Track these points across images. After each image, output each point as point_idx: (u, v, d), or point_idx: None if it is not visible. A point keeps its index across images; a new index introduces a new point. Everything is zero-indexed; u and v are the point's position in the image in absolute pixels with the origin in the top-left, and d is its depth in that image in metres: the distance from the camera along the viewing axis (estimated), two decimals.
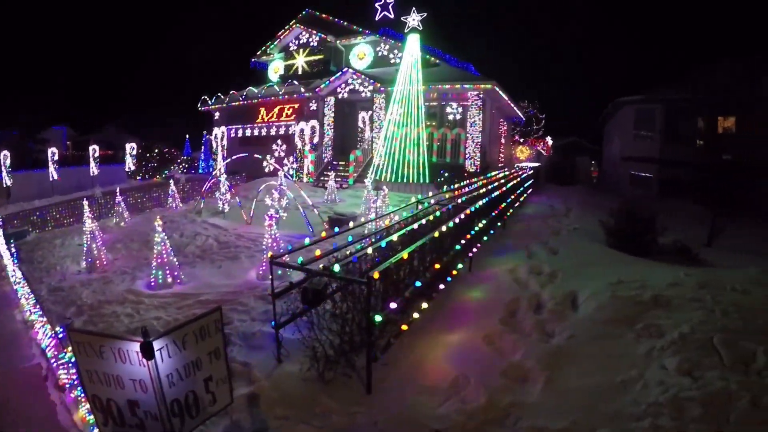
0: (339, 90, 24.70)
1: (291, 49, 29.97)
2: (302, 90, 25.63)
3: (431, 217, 6.77)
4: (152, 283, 9.40)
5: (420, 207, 9.08)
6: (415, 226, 6.17)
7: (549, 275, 8.53)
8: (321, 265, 5.02)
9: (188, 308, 8.19)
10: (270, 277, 8.79)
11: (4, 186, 22.76)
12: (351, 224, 7.42)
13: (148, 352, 3.13)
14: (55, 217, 17.11)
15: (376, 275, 4.09)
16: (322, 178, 22.97)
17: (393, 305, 4.91)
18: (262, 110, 28.53)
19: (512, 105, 26.19)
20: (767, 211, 17.31)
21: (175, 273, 9.49)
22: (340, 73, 24.40)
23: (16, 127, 38.41)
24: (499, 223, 12.30)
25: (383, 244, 5.51)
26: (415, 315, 5.86)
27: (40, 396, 5.87)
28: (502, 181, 13.63)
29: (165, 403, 3.39)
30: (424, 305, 5.98)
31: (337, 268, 4.30)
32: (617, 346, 5.53)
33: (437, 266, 6.30)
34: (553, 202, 18.77)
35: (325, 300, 4.69)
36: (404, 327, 5.36)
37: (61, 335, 4.37)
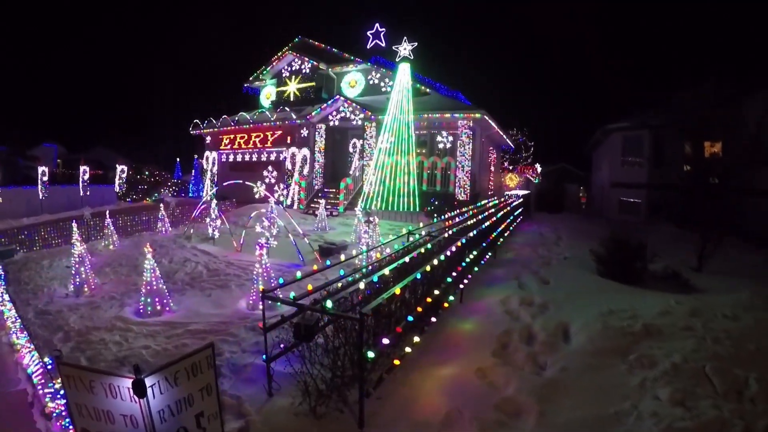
0: (330, 117, 24.88)
1: (283, 75, 30.26)
2: (294, 117, 25.80)
3: (423, 250, 6.77)
4: (141, 310, 9.22)
5: (411, 238, 9.10)
6: (407, 259, 6.17)
7: (540, 306, 8.53)
8: (312, 299, 4.99)
9: (177, 338, 8.03)
10: (261, 308, 8.84)
11: None
12: (342, 257, 7.39)
13: (140, 389, 3.12)
14: (44, 236, 16.84)
15: (369, 312, 4.06)
16: (312, 205, 22.99)
17: (385, 341, 4.87)
18: (254, 136, 28.61)
19: (501, 133, 26.50)
20: (755, 234, 17.49)
21: (165, 301, 9.33)
22: (331, 100, 24.62)
23: (6, 143, 38.15)
24: (489, 253, 12.33)
25: (375, 278, 5.48)
26: (407, 349, 5.82)
27: (25, 423, 5.66)
28: (492, 210, 13.71)
29: None
30: (416, 339, 5.94)
31: (329, 304, 4.26)
32: (610, 377, 5.54)
33: (429, 300, 6.29)
34: (543, 230, 18.90)
35: (316, 335, 4.64)
36: (396, 362, 5.31)
37: (50, 366, 4.18)
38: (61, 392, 4.29)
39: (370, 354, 4.53)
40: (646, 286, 9.93)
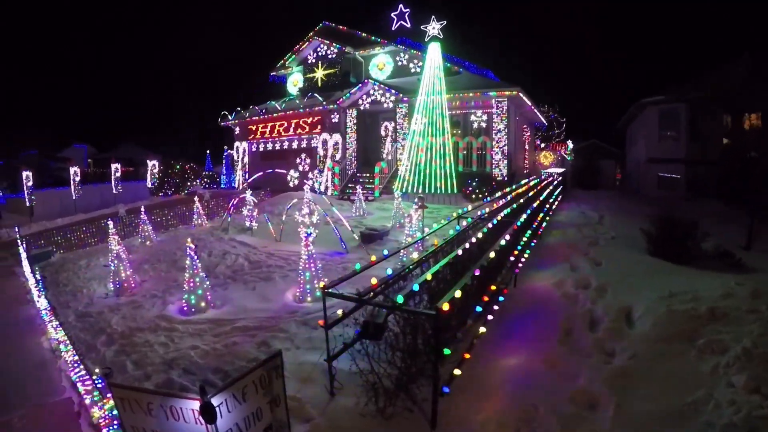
0: (360, 101, 24.60)
1: (309, 61, 30.00)
2: (323, 102, 25.58)
3: (480, 234, 6.46)
4: (185, 308, 8.99)
5: (463, 222, 8.80)
6: (466, 245, 5.85)
7: (597, 289, 8.23)
8: (368, 293, 4.73)
9: (226, 336, 7.78)
10: (308, 301, 8.66)
11: (27, 205, 22.80)
12: (385, 250, 7.03)
13: (209, 415, 2.89)
14: (80, 236, 16.99)
15: (445, 306, 3.78)
16: (346, 190, 22.85)
17: (458, 335, 4.61)
18: (283, 124, 28.51)
19: (535, 110, 25.89)
20: None
21: (208, 297, 9.09)
22: (360, 84, 24.34)
23: (36, 146, 38.88)
24: (536, 235, 11.95)
25: (434, 270, 5.15)
26: (474, 341, 5.57)
27: None
28: (537, 190, 13.29)
29: None
30: (482, 329, 5.68)
31: (401, 299, 4.00)
32: (681, 364, 5.31)
33: (493, 287, 6.01)
34: (584, 209, 18.36)
35: (385, 333, 4.36)
36: (467, 356, 5.04)
37: (100, 385, 4.06)
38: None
39: (447, 351, 4.28)
40: (699, 266, 9.51)
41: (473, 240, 6.07)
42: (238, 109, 31.32)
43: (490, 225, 7.06)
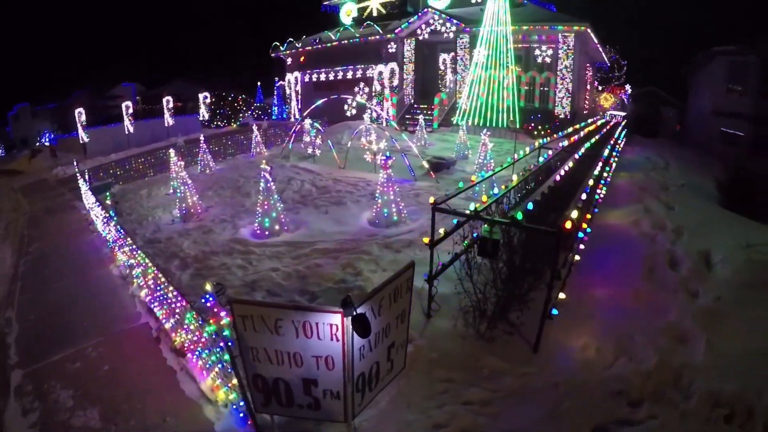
0: (419, 31, 23.88)
1: None
2: (381, 31, 24.90)
3: (571, 163, 6.41)
4: (257, 231, 8.99)
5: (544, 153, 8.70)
6: (562, 172, 5.82)
7: (674, 231, 8.27)
8: (478, 212, 4.69)
9: (306, 258, 7.72)
10: (382, 224, 8.72)
11: (81, 142, 23.14)
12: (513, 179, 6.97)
13: (363, 326, 2.69)
14: (138, 168, 17.07)
15: (568, 225, 3.81)
16: (404, 121, 22.60)
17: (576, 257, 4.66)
18: (338, 54, 27.96)
19: (600, 49, 24.65)
20: None
21: (282, 220, 9.08)
22: (420, 13, 23.48)
23: (87, 84, 39.32)
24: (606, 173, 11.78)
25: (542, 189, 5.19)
26: (571, 268, 5.65)
27: (155, 361, 5.39)
28: (607, 128, 12.97)
29: (353, 379, 3.04)
30: (577, 257, 5.74)
31: (520, 215, 4.04)
32: (764, 310, 5.37)
33: (588, 216, 6.03)
34: (648, 154, 17.85)
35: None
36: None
37: (209, 303, 3.83)
38: (208, 329, 3.78)
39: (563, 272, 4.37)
40: None
41: (567, 167, 6.03)
42: (290, 39, 30.71)
43: (576, 156, 6.96)
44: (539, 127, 18.60)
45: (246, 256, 8.06)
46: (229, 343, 3.47)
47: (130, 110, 24.96)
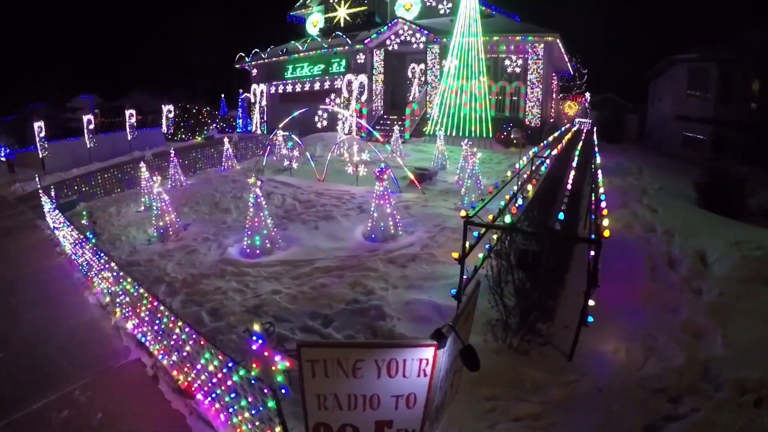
0: (389, 41, 23.97)
1: (331, 0, 28.97)
2: (349, 42, 24.85)
3: (573, 172, 6.43)
4: (247, 250, 8.36)
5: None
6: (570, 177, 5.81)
7: (665, 234, 8.52)
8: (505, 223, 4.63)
9: (308, 278, 7.23)
10: (382, 238, 8.44)
11: (40, 157, 21.84)
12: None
13: (473, 359, 2.56)
14: (104, 184, 16.01)
15: (606, 234, 3.78)
16: (373, 133, 22.48)
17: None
18: (305, 65, 27.80)
19: (566, 59, 25.29)
20: None
21: (273, 237, 8.58)
22: (390, 23, 23.58)
23: (43, 96, 37.86)
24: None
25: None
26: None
27: (158, 404, 4.71)
28: (582, 137, 13.24)
29: (430, 415, 2.78)
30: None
31: (557, 226, 3.97)
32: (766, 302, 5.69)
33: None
34: (618, 160, 18.31)
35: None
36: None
37: (259, 343, 3.34)
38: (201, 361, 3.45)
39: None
40: (747, 221, 9.78)
41: (571, 176, 6.04)
42: (256, 50, 30.40)
43: (573, 164, 7.01)
44: (511, 137, 18.85)
45: (241, 278, 7.45)
46: (283, 390, 3.11)
47: (91, 125, 24.01)
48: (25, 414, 4.76)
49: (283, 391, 3.14)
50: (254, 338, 3.39)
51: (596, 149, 12.14)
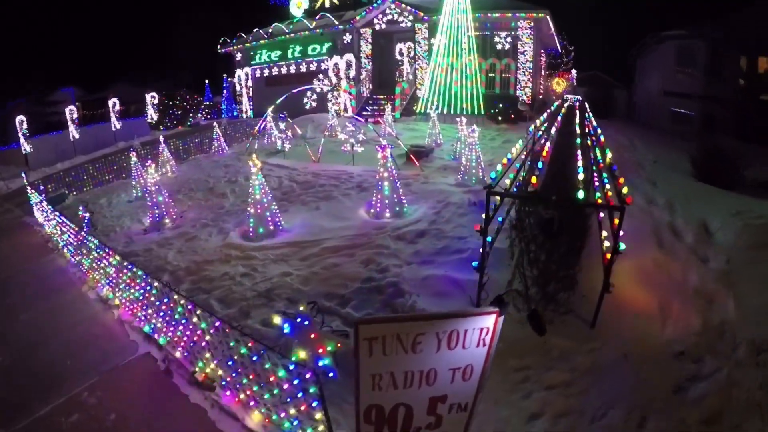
0: (376, 21, 23.58)
1: None
2: (335, 22, 24.41)
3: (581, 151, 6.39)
4: (250, 234, 8.21)
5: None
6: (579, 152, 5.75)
7: (666, 205, 8.68)
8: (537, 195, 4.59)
9: (318, 258, 7.11)
10: (387, 216, 8.39)
11: (23, 153, 21.38)
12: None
13: (540, 324, 2.55)
14: (93, 175, 15.79)
15: (629, 200, 3.74)
16: (363, 113, 22.25)
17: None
18: (291, 47, 27.28)
19: (555, 35, 25.15)
20: None
21: (277, 219, 8.43)
22: (378, 2, 23.14)
23: (23, 93, 36.97)
24: None
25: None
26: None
27: (175, 400, 4.45)
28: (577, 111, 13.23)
29: (483, 386, 2.63)
30: (605, 233, 5.73)
31: (581, 195, 3.92)
32: None
33: (610, 193, 6.06)
34: (609, 133, 18.32)
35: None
36: (609, 255, 5.08)
37: (307, 323, 3.17)
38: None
39: (623, 246, 4.30)
40: (742, 192, 9.85)
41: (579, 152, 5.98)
42: (240, 33, 29.77)
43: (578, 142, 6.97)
44: (503, 113, 18.76)
45: (247, 262, 7.29)
46: (330, 374, 2.99)
47: (74, 115, 23.44)
48: (32, 421, 4.51)
49: (330, 374, 3.00)
50: (299, 320, 3.21)
51: (595, 123, 12.16)
